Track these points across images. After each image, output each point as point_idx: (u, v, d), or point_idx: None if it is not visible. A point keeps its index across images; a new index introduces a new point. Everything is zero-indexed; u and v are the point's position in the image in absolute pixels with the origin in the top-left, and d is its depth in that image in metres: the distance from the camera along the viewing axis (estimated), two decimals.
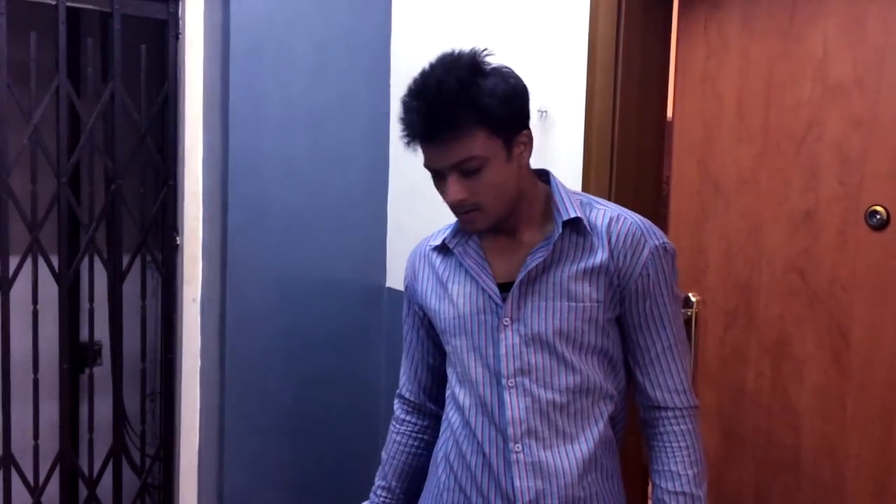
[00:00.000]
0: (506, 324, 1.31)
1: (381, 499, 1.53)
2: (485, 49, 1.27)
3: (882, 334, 1.51)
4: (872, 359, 1.53)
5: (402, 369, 1.56)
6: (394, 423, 1.56)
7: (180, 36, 2.18)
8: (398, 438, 1.54)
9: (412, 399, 1.53)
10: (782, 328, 1.67)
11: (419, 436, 1.53)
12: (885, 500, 1.52)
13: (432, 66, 1.25)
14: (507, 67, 1.28)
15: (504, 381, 1.31)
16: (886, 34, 1.49)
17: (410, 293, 1.48)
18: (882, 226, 1.51)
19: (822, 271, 1.60)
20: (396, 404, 1.56)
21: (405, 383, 1.55)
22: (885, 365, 1.51)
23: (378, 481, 1.55)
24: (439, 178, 1.28)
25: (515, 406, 1.31)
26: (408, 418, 1.54)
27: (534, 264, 1.30)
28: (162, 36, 2.21)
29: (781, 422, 1.68)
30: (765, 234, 1.70)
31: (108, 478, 2.24)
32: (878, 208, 1.51)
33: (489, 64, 1.26)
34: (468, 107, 1.21)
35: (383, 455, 1.56)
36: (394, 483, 1.53)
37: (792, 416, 1.66)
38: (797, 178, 1.64)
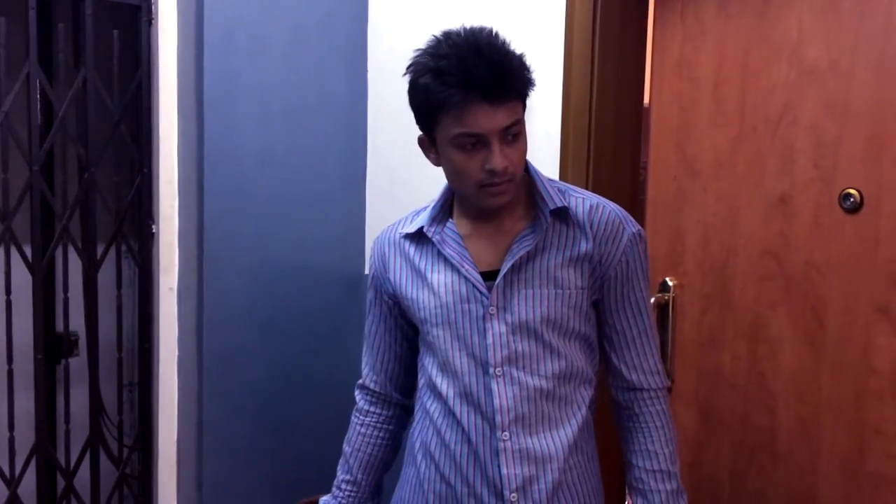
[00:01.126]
0: (492, 313, 1.31)
1: (347, 493, 1.51)
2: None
3: (855, 316, 1.53)
4: (845, 341, 1.55)
5: (365, 360, 1.54)
6: (357, 414, 1.54)
7: (153, 21, 2.15)
8: (363, 430, 1.52)
9: (377, 389, 1.52)
10: (758, 311, 1.68)
11: (385, 426, 1.52)
12: (857, 479, 1.54)
13: (472, 30, 1.23)
14: None
15: (491, 370, 1.31)
16: (860, 18, 1.50)
17: (379, 282, 1.46)
18: (855, 209, 1.52)
19: (796, 255, 1.61)
20: (359, 395, 1.55)
21: (369, 374, 1.53)
22: (858, 346, 1.53)
23: (342, 475, 1.52)
24: (476, 147, 1.23)
25: (504, 394, 1.31)
26: (372, 409, 1.52)
27: (521, 252, 1.30)
28: (135, 21, 2.18)
29: (757, 404, 1.70)
30: (741, 217, 1.71)
31: (85, 469, 2.22)
32: (852, 191, 1.52)
33: None
34: (525, 72, 1.25)
35: (346, 448, 1.53)
36: (360, 476, 1.51)
37: (767, 398, 1.68)
38: (773, 161, 1.65)
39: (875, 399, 1.51)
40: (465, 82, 1.18)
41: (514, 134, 1.24)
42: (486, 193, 1.26)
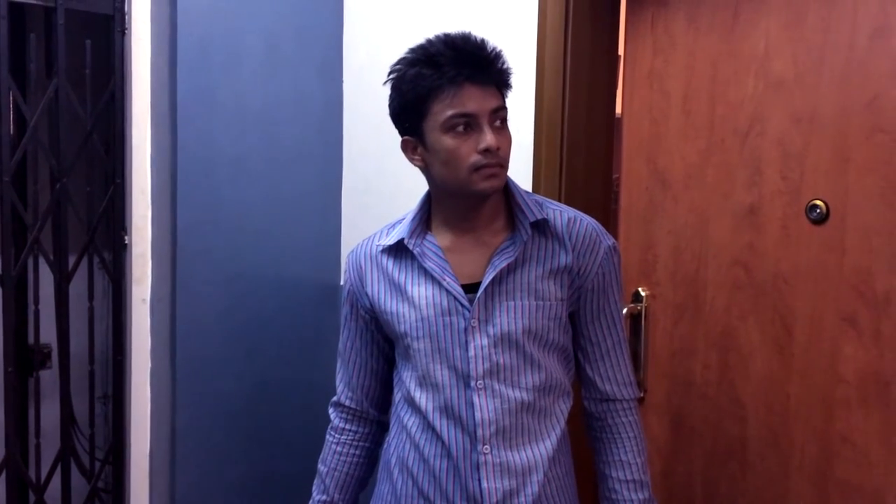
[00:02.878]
0: (474, 325, 1.31)
1: None
2: None
3: (822, 326, 1.55)
4: (813, 350, 1.57)
5: (339, 376, 1.52)
6: (332, 432, 1.52)
7: (126, 31, 2.14)
8: (338, 449, 1.50)
9: (353, 406, 1.50)
10: (728, 321, 1.70)
11: (361, 444, 1.51)
12: (826, 486, 1.56)
13: (449, 34, 1.30)
14: None
15: (473, 384, 1.31)
16: (825, 31, 1.53)
17: (355, 297, 1.45)
18: (822, 220, 1.54)
19: (765, 265, 1.63)
20: (333, 413, 1.53)
21: (344, 390, 1.52)
22: (825, 356, 1.55)
23: (318, 496, 1.50)
24: (468, 130, 1.27)
25: (485, 407, 1.31)
26: (348, 427, 1.51)
27: (503, 265, 1.30)
28: (107, 31, 2.16)
29: (728, 413, 1.71)
30: (711, 228, 1.72)
31: (56, 483, 2.19)
32: (818, 202, 1.54)
33: None
34: (505, 65, 1.31)
35: (321, 467, 1.51)
36: (336, 496, 1.49)
37: (738, 407, 1.69)
38: (741, 173, 1.66)
39: (842, 407, 1.53)
40: (457, 64, 1.25)
41: (502, 119, 1.29)
42: (479, 176, 1.27)
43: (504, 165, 1.29)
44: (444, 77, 1.25)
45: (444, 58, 1.25)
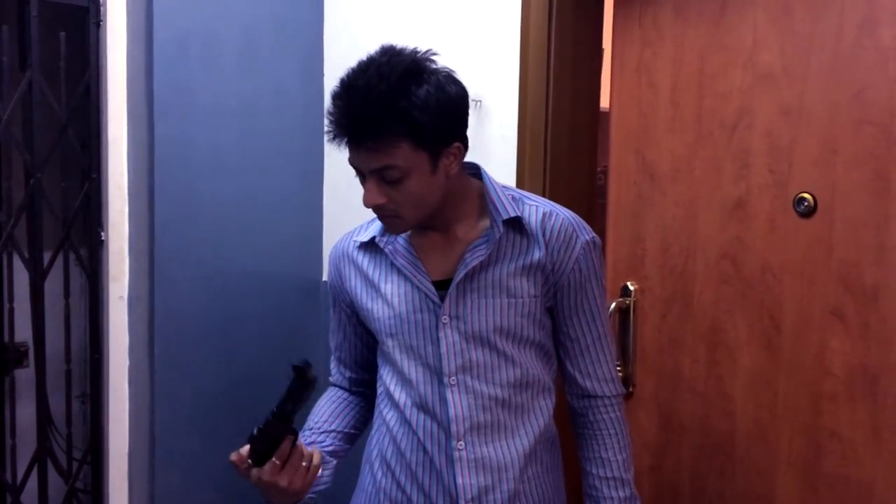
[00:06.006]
0: (445, 322, 1.31)
1: (315, 440, 1.44)
2: (429, 50, 1.23)
3: (810, 320, 1.55)
4: (801, 344, 1.56)
5: (333, 361, 1.56)
6: (329, 390, 1.56)
7: (102, 23, 2.09)
8: (334, 396, 1.53)
9: (344, 386, 1.54)
10: (716, 315, 1.69)
11: (357, 400, 1.54)
12: (814, 481, 1.56)
13: (369, 62, 1.20)
14: (448, 72, 1.24)
15: (446, 380, 1.31)
16: (813, 23, 1.52)
17: (336, 292, 1.47)
18: (809, 213, 1.54)
19: (753, 259, 1.63)
20: (329, 385, 1.57)
21: (335, 374, 1.55)
22: (813, 349, 1.54)
23: (309, 426, 1.46)
24: (362, 178, 1.25)
25: (459, 404, 1.30)
26: (342, 393, 1.54)
27: (474, 262, 1.29)
28: (82, 23, 2.11)
29: (716, 407, 1.70)
30: (699, 222, 1.71)
31: (33, 484, 2.15)
32: (806, 195, 1.54)
33: (430, 68, 1.21)
34: (395, 118, 1.17)
35: (311, 416, 1.49)
36: (332, 425, 1.46)
37: (726, 401, 1.69)
38: (729, 166, 1.66)
39: (830, 401, 1.52)
40: (333, 124, 1.21)
41: (393, 177, 1.21)
42: (380, 220, 1.30)
43: (399, 215, 1.25)
44: (333, 132, 1.21)
45: (332, 111, 1.21)
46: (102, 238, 2.14)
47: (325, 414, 1.48)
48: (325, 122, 1.23)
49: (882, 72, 1.43)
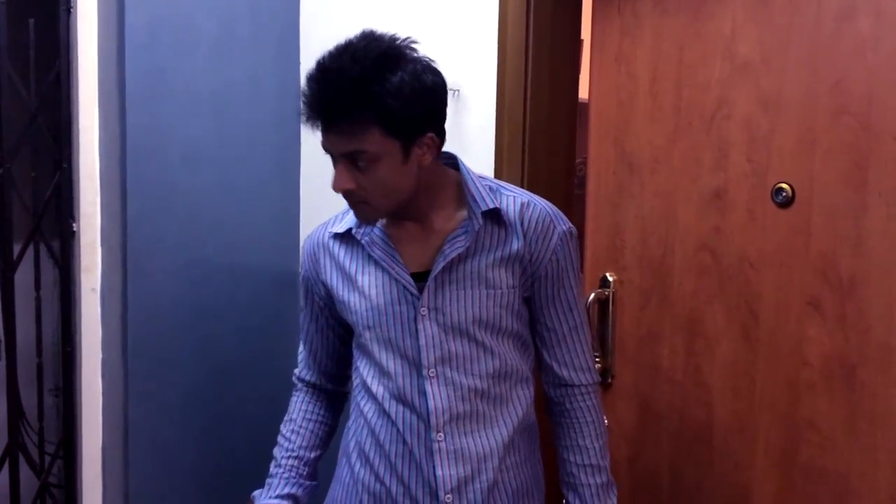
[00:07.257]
0: (423, 314, 1.30)
1: (288, 468, 1.47)
2: (409, 38, 1.21)
3: (787, 310, 1.55)
4: (778, 334, 1.57)
5: (301, 355, 1.54)
6: (295, 394, 1.55)
7: (72, 9, 2.05)
8: (302, 407, 1.53)
9: (311, 380, 1.53)
10: (694, 306, 1.69)
11: (322, 407, 1.54)
12: (791, 471, 1.56)
13: (346, 45, 1.18)
14: (426, 62, 1.22)
15: (425, 372, 1.30)
16: (792, 13, 1.51)
17: (310, 283, 1.45)
18: (787, 203, 1.54)
19: (731, 249, 1.63)
20: (296, 381, 1.56)
21: (303, 369, 1.54)
22: (791, 340, 1.55)
23: (281, 450, 1.49)
24: (334, 162, 1.24)
25: (438, 395, 1.30)
26: (307, 396, 1.54)
27: (454, 254, 1.28)
28: (52, 9, 2.07)
29: (694, 398, 1.71)
30: (678, 213, 1.71)
31: (4, 479, 2.11)
32: (784, 186, 1.54)
33: (408, 56, 1.20)
34: (366, 102, 1.15)
35: (283, 429, 1.52)
36: (303, 453, 1.49)
37: (704, 392, 1.69)
38: (708, 156, 1.65)
39: (807, 391, 1.53)
40: (306, 105, 1.19)
41: (364, 163, 1.20)
42: (350, 207, 1.29)
43: (367, 202, 1.24)
44: (306, 114, 1.20)
45: (305, 93, 1.19)
46: (74, 229, 2.10)
47: (305, 440, 1.49)
48: (300, 103, 1.22)
49: (860, 62, 1.43)
